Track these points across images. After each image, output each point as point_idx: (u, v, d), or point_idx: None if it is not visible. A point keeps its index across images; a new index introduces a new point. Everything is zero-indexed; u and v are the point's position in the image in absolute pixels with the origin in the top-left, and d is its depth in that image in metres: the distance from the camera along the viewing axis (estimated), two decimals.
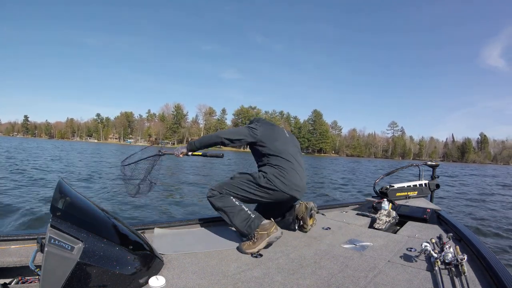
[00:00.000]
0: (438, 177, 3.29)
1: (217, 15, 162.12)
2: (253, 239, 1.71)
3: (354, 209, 2.86)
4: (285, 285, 1.29)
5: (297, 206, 2.07)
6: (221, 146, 2.08)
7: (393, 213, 2.38)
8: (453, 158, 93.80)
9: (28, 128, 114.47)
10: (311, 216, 1.97)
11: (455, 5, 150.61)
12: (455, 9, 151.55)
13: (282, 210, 2.13)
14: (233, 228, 1.95)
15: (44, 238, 1.13)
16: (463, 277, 1.29)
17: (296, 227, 2.07)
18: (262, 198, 1.90)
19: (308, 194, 8.06)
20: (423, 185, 3.18)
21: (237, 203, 1.86)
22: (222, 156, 2.10)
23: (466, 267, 1.35)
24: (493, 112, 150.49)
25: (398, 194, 3.02)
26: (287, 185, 1.85)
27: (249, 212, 1.81)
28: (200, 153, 2.04)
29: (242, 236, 1.82)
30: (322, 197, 7.79)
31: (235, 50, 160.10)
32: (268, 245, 1.73)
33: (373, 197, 3.09)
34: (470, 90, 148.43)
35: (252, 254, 1.65)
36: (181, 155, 2.02)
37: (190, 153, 2.02)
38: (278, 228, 1.77)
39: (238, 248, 1.72)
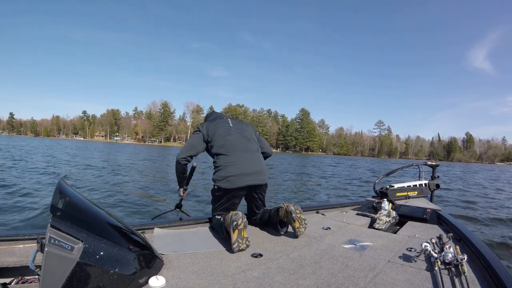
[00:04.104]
0: (438, 177, 3.29)
1: (206, 13, 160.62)
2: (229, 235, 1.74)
3: (354, 209, 2.86)
4: (285, 285, 1.29)
5: (280, 210, 2.00)
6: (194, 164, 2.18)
7: (393, 213, 2.38)
8: (439, 157, 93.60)
9: (13, 126, 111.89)
10: (294, 220, 1.89)
11: (443, 7, 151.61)
12: (443, 11, 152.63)
13: (259, 206, 2.15)
14: None
15: (44, 238, 1.13)
16: (463, 277, 1.29)
17: (282, 232, 2.03)
18: (229, 202, 2.00)
19: (304, 195, 8.07)
20: (423, 185, 3.18)
21: (217, 217, 1.99)
22: (195, 167, 2.21)
23: (466, 267, 1.35)
24: (479, 113, 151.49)
25: (398, 194, 3.02)
26: (231, 181, 1.94)
27: (221, 218, 1.92)
28: (186, 184, 2.26)
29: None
30: (321, 197, 7.79)
31: (223, 48, 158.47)
32: (238, 231, 1.69)
33: (373, 197, 3.09)
34: (456, 91, 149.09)
35: (252, 254, 1.65)
36: (183, 195, 2.31)
37: (185, 188, 2.27)
38: (238, 212, 1.79)
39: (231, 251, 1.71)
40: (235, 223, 1.71)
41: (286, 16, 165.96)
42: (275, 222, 2.05)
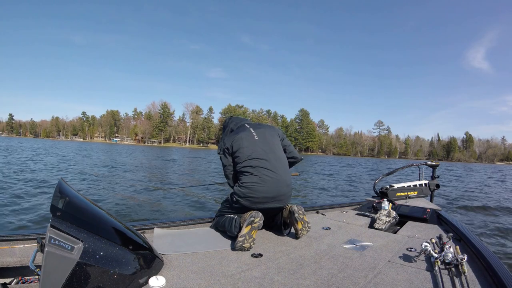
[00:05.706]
0: (438, 177, 3.29)
1: (203, 15, 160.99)
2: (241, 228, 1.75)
3: (354, 209, 2.86)
4: (285, 285, 1.29)
5: (283, 210, 2.01)
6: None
7: (393, 213, 2.38)
8: (438, 157, 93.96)
9: (13, 127, 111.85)
10: (297, 221, 1.89)
11: (441, 6, 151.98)
12: (442, 10, 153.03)
13: (271, 217, 2.10)
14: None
15: (44, 238, 1.13)
16: (463, 277, 1.29)
17: (285, 234, 2.02)
18: (243, 213, 1.96)
19: (303, 194, 8.07)
20: (423, 185, 3.18)
21: (227, 215, 1.99)
22: None
23: (466, 267, 1.35)
24: (478, 112, 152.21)
25: (398, 194, 3.02)
26: (252, 201, 1.90)
27: (234, 216, 1.92)
28: None
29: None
30: (321, 197, 7.79)
31: (221, 49, 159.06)
32: (251, 228, 1.71)
33: (373, 197, 3.09)
34: (455, 91, 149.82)
35: (252, 254, 1.65)
36: None
37: None
38: (259, 212, 1.81)
39: (233, 247, 1.72)
40: (252, 219, 1.74)
41: (283, 17, 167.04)
42: (279, 224, 2.04)
